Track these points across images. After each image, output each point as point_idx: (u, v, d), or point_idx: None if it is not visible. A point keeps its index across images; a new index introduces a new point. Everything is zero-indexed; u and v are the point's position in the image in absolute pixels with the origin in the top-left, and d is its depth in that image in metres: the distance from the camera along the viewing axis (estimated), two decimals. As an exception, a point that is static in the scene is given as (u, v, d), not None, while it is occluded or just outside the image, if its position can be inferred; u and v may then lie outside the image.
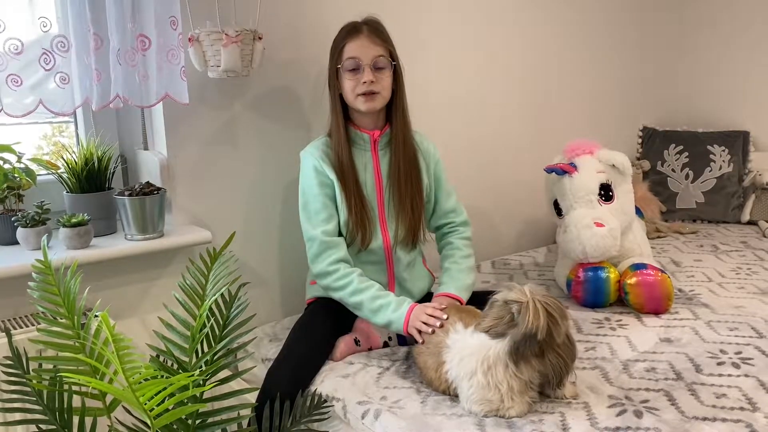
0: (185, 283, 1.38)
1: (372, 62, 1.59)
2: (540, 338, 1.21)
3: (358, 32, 1.60)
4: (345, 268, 1.58)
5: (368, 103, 1.60)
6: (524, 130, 2.56)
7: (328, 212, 1.61)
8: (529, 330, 1.21)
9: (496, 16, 2.39)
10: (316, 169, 1.62)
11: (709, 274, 2.10)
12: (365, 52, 1.59)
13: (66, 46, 1.49)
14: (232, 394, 1.28)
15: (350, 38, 1.60)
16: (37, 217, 1.54)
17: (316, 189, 1.61)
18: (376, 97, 1.61)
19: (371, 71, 1.58)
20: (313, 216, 1.61)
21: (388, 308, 1.52)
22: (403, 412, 1.29)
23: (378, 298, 1.54)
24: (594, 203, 1.84)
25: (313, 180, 1.62)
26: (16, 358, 1.28)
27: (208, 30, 1.61)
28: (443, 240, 1.79)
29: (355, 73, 1.59)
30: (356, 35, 1.60)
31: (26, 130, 1.72)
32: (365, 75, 1.58)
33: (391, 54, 1.63)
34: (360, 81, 1.58)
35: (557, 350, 1.23)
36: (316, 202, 1.61)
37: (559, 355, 1.23)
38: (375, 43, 1.60)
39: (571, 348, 1.26)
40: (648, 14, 2.99)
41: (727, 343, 1.55)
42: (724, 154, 2.79)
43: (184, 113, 1.72)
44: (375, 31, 1.61)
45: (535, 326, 1.20)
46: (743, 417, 1.22)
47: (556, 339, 1.22)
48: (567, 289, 1.90)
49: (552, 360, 1.23)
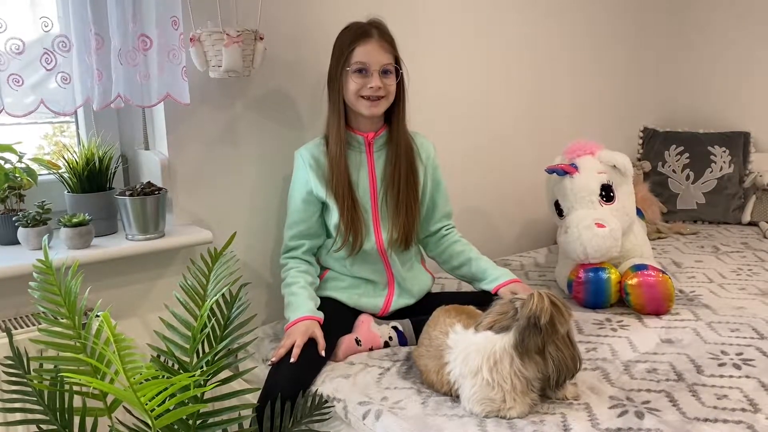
0: (186, 283, 1.38)
1: (381, 68, 1.60)
2: (543, 322, 1.21)
3: (368, 37, 1.60)
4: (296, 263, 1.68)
5: (372, 108, 1.61)
6: (525, 131, 2.56)
7: (302, 228, 1.69)
8: (533, 313, 1.21)
9: (497, 16, 2.39)
10: (301, 182, 1.68)
11: (710, 275, 2.09)
12: (375, 58, 1.59)
13: (67, 46, 1.49)
14: (233, 394, 1.28)
15: (360, 42, 1.60)
16: (38, 216, 1.54)
17: (300, 205, 1.68)
18: (381, 102, 1.62)
19: (379, 77, 1.59)
20: (290, 224, 1.71)
21: (289, 308, 1.59)
22: (404, 413, 1.29)
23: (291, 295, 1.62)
24: (595, 204, 1.84)
25: (301, 193, 1.67)
26: (17, 358, 1.28)
27: (210, 30, 1.61)
28: (444, 239, 1.79)
29: (362, 76, 1.60)
30: (366, 40, 1.60)
31: (27, 130, 1.72)
32: (374, 81, 1.59)
33: (396, 59, 1.64)
34: (366, 85, 1.59)
35: (558, 343, 1.23)
36: (295, 216, 1.69)
37: (559, 349, 1.23)
38: (384, 50, 1.61)
39: (571, 349, 1.26)
40: (649, 15, 2.99)
41: (728, 344, 1.55)
42: (725, 155, 2.79)
43: (185, 113, 1.72)
44: (384, 37, 1.62)
45: (539, 308, 1.21)
46: (744, 418, 1.22)
47: (558, 329, 1.22)
48: (568, 290, 1.89)
49: (552, 353, 1.23)
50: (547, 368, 1.24)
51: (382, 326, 1.64)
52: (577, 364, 1.27)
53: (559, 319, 1.23)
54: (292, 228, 1.70)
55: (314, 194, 1.66)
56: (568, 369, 1.25)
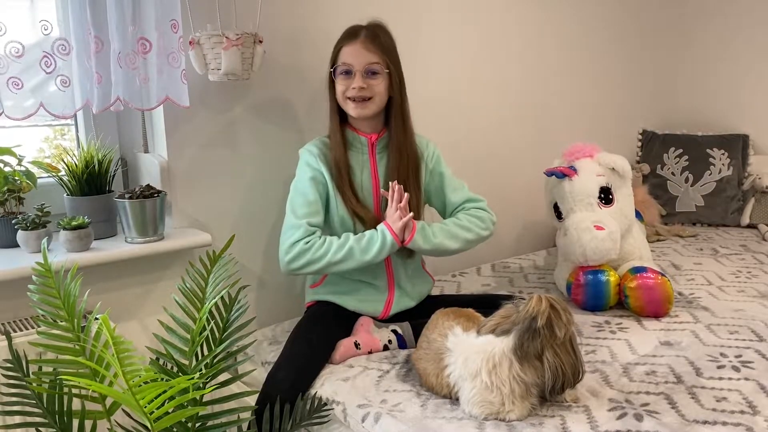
0: (185, 286, 1.38)
1: (364, 69, 1.60)
2: (540, 324, 1.20)
3: (354, 38, 1.61)
4: (317, 237, 1.58)
5: (358, 109, 1.62)
6: (524, 134, 2.56)
7: (316, 207, 1.62)
8: (530, 315, 1.21)
9: (495, 19, 2.40)
10: (310, 165, 1.64)
11: (709, 277, 2.10)
12: (357, 58, 1.60)
13: (67, 49, 1.49)
14: (231, 397, 1.28)
15: (346, 43, 1.61)
16: (38, 219, 1.54)
17: (307, 183, 1.63)
18: (368, 104, 1.62)
19: (362, 77, 1.59)
20: (298, 208, 1.61)
21: (373, 239, 1.55)
22: (403, 416, 1.29)
23: (361, 238, 1.57)
24: (594, 206, 1.84)
25: (307, 174, 1.63)
26: (16, 361, 1.28)
27: (209, 33, 1.62)
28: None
29: (347, 77, 1.61)
30: (352, 41, 1.61)
31: (27, 133, 1.73)
32: (355, 81, 1.59)
33: (389, 60, 1.63)
34: (350, 86, 1.60)
35: (557, 349, 1.22)
36: (310, 196, 1.61)
37: (557, 355, 1.22)
38: (369, 50, 1.60)
39: (572, 357, 1.24)
40: (647, 17, 2.99)
41: (727, 347, 1.55)
42: (724, 157, 2.79)
43: (184, 116, 1.72)
44: (372, 37, 1.61)
45: (536, 311, 1.21)
46: (743, 420, 1.22)
47: (557, 333, 1.21)
48: (567, 293, 1.90)
49: (549, 359, 1.21)
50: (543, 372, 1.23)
51: (381, 329, 1.64)
52: (577, 374, 1.25)
53: (558, 323, 1.22)
54: (309, 206, 1.60)
55: (321, 174, 1.63)
56: (566, 377, 1.23)
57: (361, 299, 1.70)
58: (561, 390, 1.25)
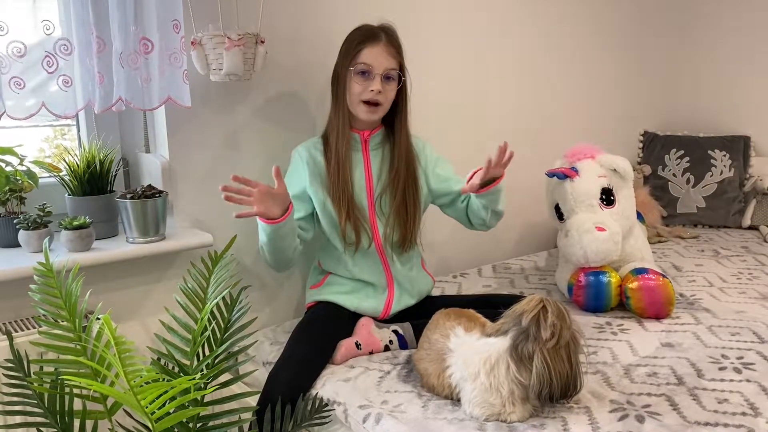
0: (186, 286, 1.38)
1: (384, 73, 1.60)
2: (525, 324, 1.20)
3: (376, 39, 1.61)
4: None
5: (369, 114, 1.63)
6: (525, 134, 2.56)
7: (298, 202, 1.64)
8: (517, 313, 1.21)
9: (497, 21, 2.40)
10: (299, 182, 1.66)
11: (711, 278, 2.09)
12: (380, 61, 1.60)
13: (69, 49, 1.49)
14: (233, 397, 1.28)
15: (368, 43, 1.60)
16: (39, 219, 1.54)
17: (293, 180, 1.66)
18: (378, 109, 1.63)
19: (381, 81, 1.59)
20: None
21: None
22: (404, 416, 1.29)
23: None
24: (595, 208, 1.84)
25: (294, 190, 1.65)
26: (17, 361, 1.28)
27: (211, 33, 1.62)
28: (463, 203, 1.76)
29: (365, 78, 1.60)
30: (375, 42, 1.61)
31: (28, 133, 1.73)
32: (374, 84, 1.59)
33: (401, 66, 1.64)
34: (368, 88, 1.59)
35: (545, 354, 1.19)
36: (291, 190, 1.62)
37: (545, 360, 1.19)
38: (390, 54, 1.61)
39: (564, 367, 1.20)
40: (649, 19, 2.99)
41: (728, 348, 1.55)
42: (725, 158, 2.79)
43: (186, 116, 1.72)
44: (392, 42, 1.63)
45: (523, 309, 1.21)
46: (745, 422, 1.22)
47: (542, 333, 1.19)
48: (568, 294, 1.90)
49: (537, 363, 1.19)
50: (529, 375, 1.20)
51: (382, 330, 1.64)
52: (570, 387, 1.22)
53: (544, 324, 1.20)
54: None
55: (307, 193, 1.66)
56: (553, 386, 1.19)
57: (361, 299, 1.71)
58: (550, 399, 1.22)
